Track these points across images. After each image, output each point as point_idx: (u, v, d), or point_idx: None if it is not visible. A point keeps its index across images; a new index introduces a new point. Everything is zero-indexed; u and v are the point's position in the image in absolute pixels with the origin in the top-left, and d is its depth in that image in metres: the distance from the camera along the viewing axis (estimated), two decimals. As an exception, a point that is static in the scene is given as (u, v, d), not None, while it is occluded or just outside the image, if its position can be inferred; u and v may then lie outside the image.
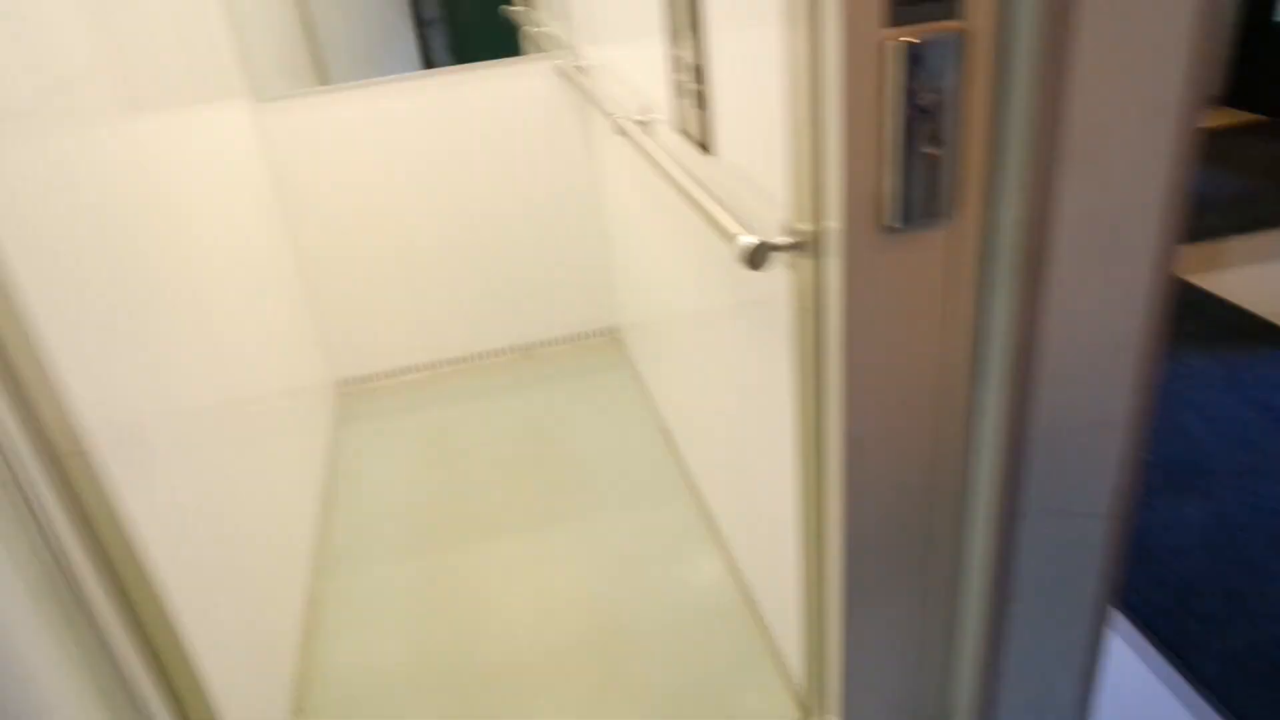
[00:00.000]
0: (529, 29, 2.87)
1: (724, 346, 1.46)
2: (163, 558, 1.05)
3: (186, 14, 1.77)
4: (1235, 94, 3.14)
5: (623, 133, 1.56)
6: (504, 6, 3.29)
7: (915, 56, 0.74)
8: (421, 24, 3.95)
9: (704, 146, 1.26)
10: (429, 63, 3.77)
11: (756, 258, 0.95)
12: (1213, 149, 2.89)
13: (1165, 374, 1.97)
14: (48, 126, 1.03)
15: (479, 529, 2.01)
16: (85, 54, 1.19)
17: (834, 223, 0.83)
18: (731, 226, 1.02)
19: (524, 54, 2.84)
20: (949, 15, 0.74)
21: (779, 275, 1.06)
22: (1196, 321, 2.34)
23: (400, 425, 2.47)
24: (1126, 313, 0.87)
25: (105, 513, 0.91)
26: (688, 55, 1.24)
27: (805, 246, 0.91)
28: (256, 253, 1.96)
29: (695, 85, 1.23)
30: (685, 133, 1.33)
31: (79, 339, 0.96)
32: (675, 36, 1.29)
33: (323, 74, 3.04)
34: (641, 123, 1.56)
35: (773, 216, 1.03)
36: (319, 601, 1.83)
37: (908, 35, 0.74)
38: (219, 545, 1.32)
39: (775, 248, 0.94)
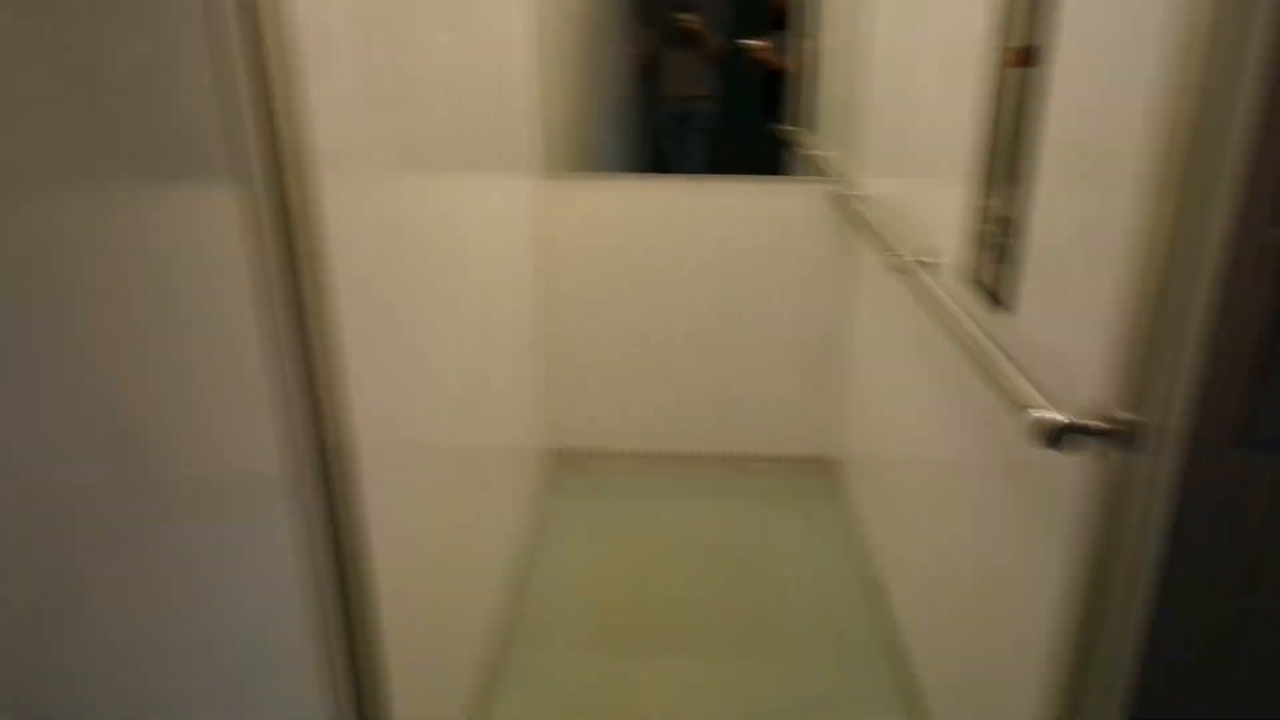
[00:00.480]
0: (801, 150, 2.91)
1: (975, 512, 1.35)
2: (381, 580, 1.07)
3: (509, 89, 1.92)
4: None
5: (901, 270, 1.51)
6: (774, 125, 3.37)
7: (1316, 258, 0.65)
8: (690, 130, 4.12)
9: (997, 301, 1.19)
10: (679, 168, 3.92)
11: (1057, 438, 0.86)
12: None
13: None
14: (386, 170, 1.13)
15: (659, 639, 1.95)
16: (432, 116, 1.31)
17: (1172, 422, 0.73)
18: (1028, 396, 0.94)
19: (788, 172, 2.88)
20: (1368, 220, 0.65)
21: (1068, 457, 0.96)
22: None
23: (605, 508, 2.48)
24: None
25: (352, 526, 0.95)
26: (998, 205, 1.19)
27: (1118, 436, 0.82)
28: (509, 311, 2.06)
29: (1001, 237, 1.17)
30: (977, 283, 1.26)
31: (367, 357, 1.02)
32: (986, 184, 1.23)
33: (595, 162, 3.22)
34: (923, 263, 1.51)
35: (1074, 394, 0.93)
36: (494, 668, 1.83)
37: (1312, 234, 0.65)
38: (422, 580, 1.35)
39: (1082, 431, 0.85)
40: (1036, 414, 0.89)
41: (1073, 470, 0.96)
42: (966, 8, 1.35)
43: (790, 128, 3.26)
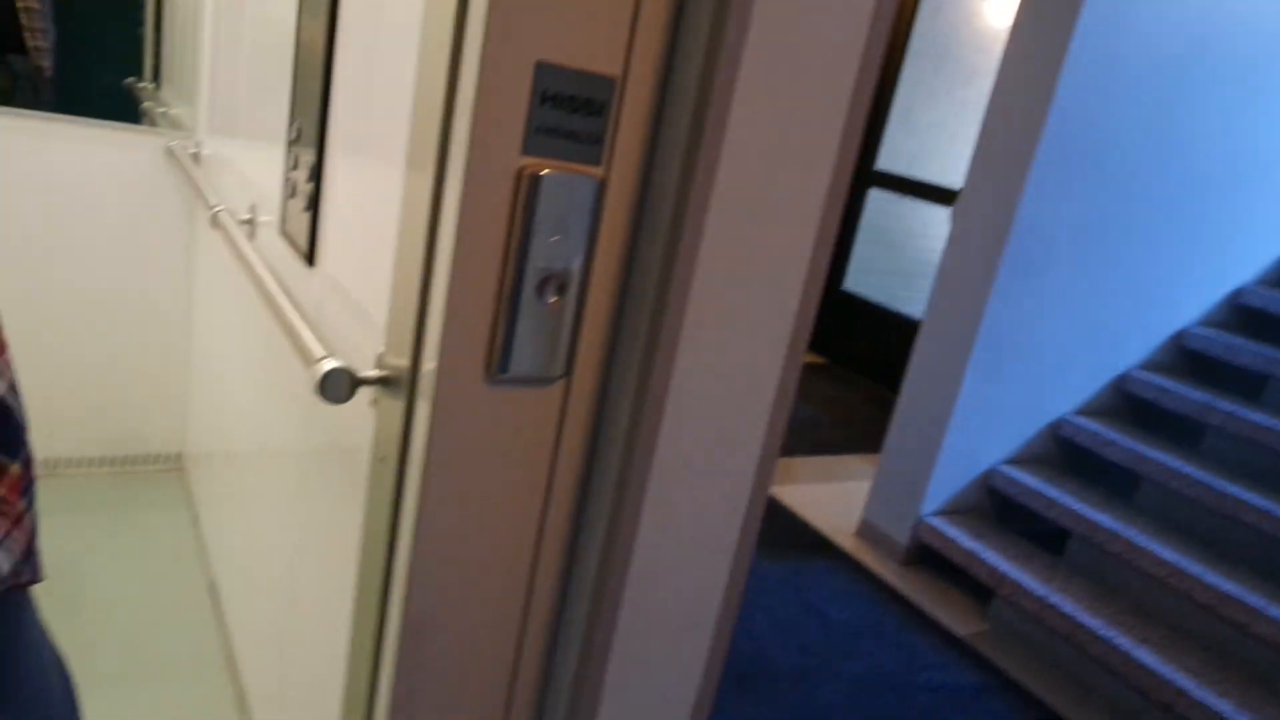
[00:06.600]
0: (151, 107, 2.54)
1: (293, 495, 1.23)
2: None
3: None
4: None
5: (218, 226, 1.33)
6: (129, 80, 2.92)
7: (545, 194, 0.66)
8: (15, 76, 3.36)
9: (308, 256, 1.09)
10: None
11: (332, 386, 0.78)
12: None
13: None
14: None
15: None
16: None
17: (430, 363, 0.70)
18: (314, 349, 0.85)
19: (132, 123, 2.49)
20: (590, 159, 0.67)
21: (368, 415, 0.90)
22: (767, 529, 2.52)
23: None
24: (726, 514, 0.82)
25: None
26: (307, 154, 1.09)
27: (396, 384, 0.77)
28: None
29: (307, 182, 1.07)
30: (289, 237, 1.15)
31: None
32: (293, 143, 1.13)
33: None
34: (247, 221, 1.35)
35: (370, 347, 0.87)
36: None
37: (539, 168, 0.66)
38: None
39: (359, 380, 0.79)
40: (319, 366, 0.80)
41: (366, 430, 0.90)
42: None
43: (144, 83, 2.83)
